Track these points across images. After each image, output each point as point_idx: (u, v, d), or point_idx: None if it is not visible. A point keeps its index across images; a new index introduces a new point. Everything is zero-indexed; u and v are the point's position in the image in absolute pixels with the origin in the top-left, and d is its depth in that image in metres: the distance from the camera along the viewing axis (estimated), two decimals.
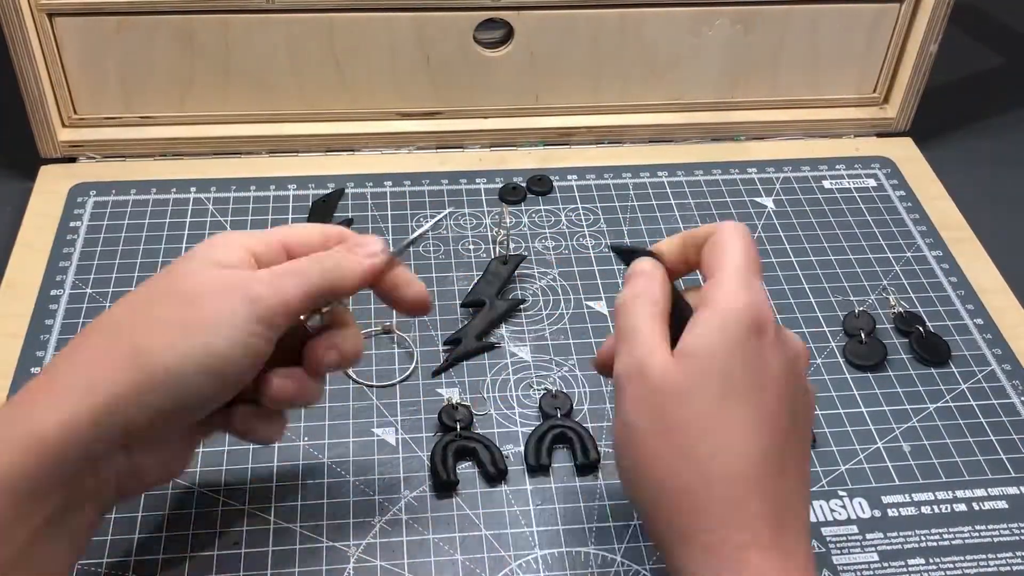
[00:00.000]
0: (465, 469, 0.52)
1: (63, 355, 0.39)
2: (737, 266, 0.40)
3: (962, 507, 0.52)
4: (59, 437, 0.36)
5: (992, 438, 0.55)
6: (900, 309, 0.62)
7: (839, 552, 0.50)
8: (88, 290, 0.61)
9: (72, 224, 0.65)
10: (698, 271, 0.43)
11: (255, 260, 0.41)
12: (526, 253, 0.65)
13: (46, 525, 0.37)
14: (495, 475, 0.52)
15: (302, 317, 0.44)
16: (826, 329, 0.61)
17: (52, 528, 0.37)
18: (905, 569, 0.49)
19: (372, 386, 0.56)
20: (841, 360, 0.59)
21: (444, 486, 0.51)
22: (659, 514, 0.39)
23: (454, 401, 0.55)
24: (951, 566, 0.50)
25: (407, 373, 0.57)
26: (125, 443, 0.39)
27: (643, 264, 0.43)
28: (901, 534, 0.51)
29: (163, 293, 0.40)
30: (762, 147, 0.75)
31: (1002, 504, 0.52)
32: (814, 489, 0.52)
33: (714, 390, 0.38)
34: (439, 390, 0.56)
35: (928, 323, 0.61)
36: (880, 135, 0.77)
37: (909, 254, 0.67)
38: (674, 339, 0.40)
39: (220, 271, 0.40)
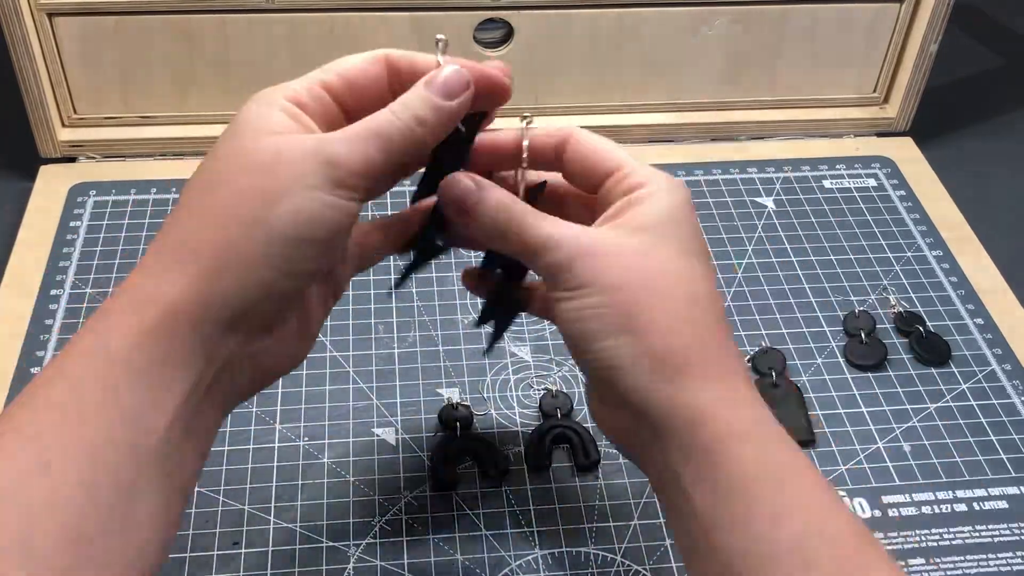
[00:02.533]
0: (465, 469, 0.52)
1: (157, 244, 0.37)
2: (631, 157, 0.42)
3: (962, 507, 0.52)
4: (168, 313, 0.35)
5: (992, 438, 0.55)
6: (900, 309, 0.62)
7: None
8: (88, 290, 0.61)
9: (72, 224, 0.65)
10: (558, 173, 0.44)
11: (300, 107, 0.39)
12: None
13: (179, 417, 0.35)
14: (495, 475, 0.52)
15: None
16: (826, 329, 0.61)
17: (184, 423, 0.35)
18: (905, 569, 0.49)
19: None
20: (841, 360, 0.59)
21: (444, 486, 0.51)
22: (655, 362, 0.37)
23: (454, 401, 0.55)
24: (951, 566, 0.50)
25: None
26: (234, 327, 0.36)
27: (465, 182, 0.41)
28: (901, 534, 0.51)
29: (232, 170, 0.37)
30: (762, 147, 0.75)
31: (1002, 504, 0.52)
32: None
33: (681, 249, 0.39)
34: (439, 390, 0.56)
35: (928, 323, 0.61)
36: (880, 135, 0.77)
37: (909, 254, 0.67)
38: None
39: (284, 136, 0.37)
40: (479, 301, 0.61)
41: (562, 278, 0.39)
